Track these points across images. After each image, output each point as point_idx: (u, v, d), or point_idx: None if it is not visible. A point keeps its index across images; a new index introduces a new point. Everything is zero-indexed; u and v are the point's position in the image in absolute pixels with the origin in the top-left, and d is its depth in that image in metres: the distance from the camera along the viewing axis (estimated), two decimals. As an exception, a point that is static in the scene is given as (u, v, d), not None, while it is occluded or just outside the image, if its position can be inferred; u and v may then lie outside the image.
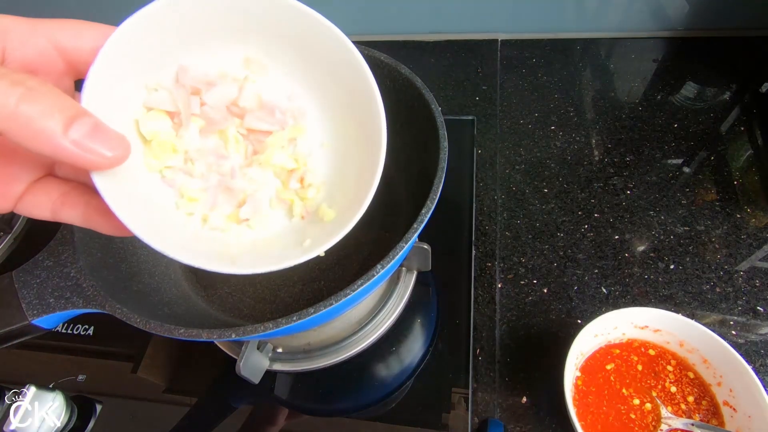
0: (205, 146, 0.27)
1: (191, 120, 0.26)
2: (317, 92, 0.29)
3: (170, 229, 0.25)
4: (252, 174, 0.28)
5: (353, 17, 0.76)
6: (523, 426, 0.42)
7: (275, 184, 0.29)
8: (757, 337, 0.45)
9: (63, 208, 0.23)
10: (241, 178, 0.28)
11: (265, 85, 0.28)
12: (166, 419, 0.44)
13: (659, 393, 0.40)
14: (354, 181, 0.29)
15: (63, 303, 0.33)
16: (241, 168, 0.28)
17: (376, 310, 0.47)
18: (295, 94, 0.29)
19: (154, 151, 0.25)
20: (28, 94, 0.17)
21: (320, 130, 0.30)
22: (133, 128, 0.24)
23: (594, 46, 0.71)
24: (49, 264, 0.35)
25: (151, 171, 0.25)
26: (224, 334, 0.30)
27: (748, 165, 0.56)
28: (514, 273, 0.50)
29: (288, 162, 0.28)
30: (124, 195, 0.22)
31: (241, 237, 0.28)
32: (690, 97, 0.63)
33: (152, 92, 0.25)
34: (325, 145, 0.30)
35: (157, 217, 0.25)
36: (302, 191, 0.29)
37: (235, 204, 0.28)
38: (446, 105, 0.66)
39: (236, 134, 0.27)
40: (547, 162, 0.59)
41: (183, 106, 0.25)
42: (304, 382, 0.45)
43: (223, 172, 0.27)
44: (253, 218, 0.28)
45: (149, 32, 0.22)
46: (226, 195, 0.28)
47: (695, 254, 0.50)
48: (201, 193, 0.27)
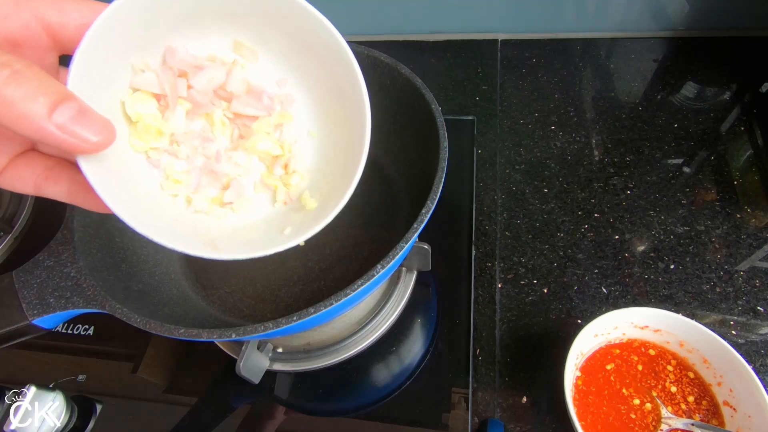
0: (191, 129, 0.27)
1: (178, 103, 0.25)
2: (306, 81, 0.29)
3: (152, 210, 0.25)
4: (237, 158, 0.28)
5: (353, 17, 0.76)
6: (523, 426, 0.42)
7: (260, 170, 0.29)
8: (757, 337, 0.45)
9: (46, 183, 0.23)
10: (226, 161, 0.28)
11: (253, 70, 0.28)
12: (166, 419, 0.44)
13: (659, 393, 0.40)
14: (338, 172, 0.29)
15: (63, 303, 0.33)
16: (227, 152, 0.28)
17: (376, 310, 0.47)
18: (284, 81, 0.29)
19: (139, 132, 0.25)
20: (14, 77, 0.17)
21: (308, 118, 0.30)
22: (119, 109, 0.24)
23: (594, 46, 0.71)
24: (49, 264, 0.35)
25: (137, 152, 0.25)
26: (224, 334, 0.30)
27: (748, 165, 0.56)
28: (514, 273, 0.50)
29: (273, 148, 0.29)
30: (108, 175, 0.22)
31: (222, 220, 0.28)
32: (690, 97, 0.63)
33: (139, 73, 0.24)
34: (312, 134, 0.30)
35: (141, 198, 0.25)
36: (286, 177, 0.29)
37: (219, 187, 0.28)
38: (446, 105, 0.66)
39: (222, 118, 0.27)
40: (547, 162, 0.59)
41: (170, 88, 0.25)
42: (304, 382, 0.45)
43: (208, 155, 0.27)
44: (236, 202, 0.28)
45: (138, 12, 0.22)
46: (210, 178, 0.28)
47: (695, 254, 0.50)
48: (185, 175, 0.27)
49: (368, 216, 0.48)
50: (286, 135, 0.29)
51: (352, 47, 0.27)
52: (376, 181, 0.50)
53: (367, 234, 0.47)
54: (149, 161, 0.26)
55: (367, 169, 0.27)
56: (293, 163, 0.29)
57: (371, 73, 0.47)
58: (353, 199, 0.27)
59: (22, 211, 0.60)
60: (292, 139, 0.29)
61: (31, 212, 0.61)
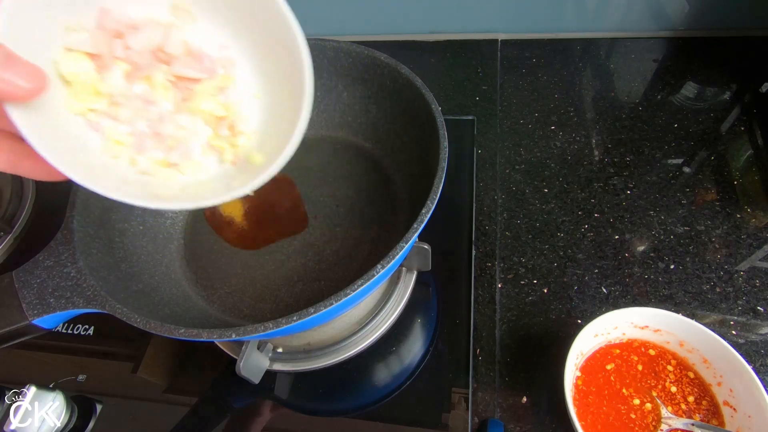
0: (131, 92, 0.26)
1: (115, 63, 0.25)
2: (247, 43, 0.29)
3: (98, 170, 0.25)
4: (181, 121, 0.28)
5: (354, 17, 0.76)
6: (523, 426, 0.42)
7: (206, 133, 0.29)
8: (757, 337, 0.45)
9: None
10: (171, 123, 0.28)
11: (193, 33, 0.28)
12: (166, 419, 0.44)
13: (659, 393, 0.40)
14: (284, 130, 0.29)
15: (63, 303, 0.33)
16: (171, 115, 0.28)
17: (376, 310, 0.47)
18: (225, 44, 0.29)
19: (75, 92, 0.25)
20: None
21: (252, 80, 0.30)
22: (55, 71, 0.24)
23: (594, 46, 0.71)
24: (49, 264, 0.35)
25: (75, 113, 0.25)
26: (224, 334, 0.30)
27: (748, 165, 0.56)
28: (514, 273, 0.50)
29: (217, 109, 0.29)
30: (47, 135, 0.22)
31: (170, 181, 0.28)
32: (690, 97, 0.63)
33: (72, 33, 0.24)
34: (257, 96, 0.30)
35: (83, 158, 0.25)
36: (233, 139, 0.29)
37: (164, 149, 0.28)
38: (446, 105, 0.66)
39: (164, 81, 0.27)
40: (547, 162, 0.59)
41: (105, 48, 0.25)
42: (304, 382, 0.45)
43: (150, 118, 0.27)
44: (182, 163, 0.28)
45: None
46: (154, 140, 0.28)
47: (695, 254, 0.50)
48: (128, 138, 0.27)
49: (368, 216, 0.48)
50: (230, 97, 0.29)
51: (352, 47, 0.27)
52: (376, 181, 0.50)
53: (367, 234, 0.47)
54: (89, 124, 0.26)
55: (367, 169, 0.27)
56: (239, 124, 0.29)
57: (371, 73, 0.47)
58: (353, 199, 0.27)
59: (22, 211, 0.60)
60: (236, 101, 0.30)
61: (31, 212, 0.61)
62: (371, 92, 0.49)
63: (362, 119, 0.52)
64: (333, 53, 0.47)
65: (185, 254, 0.49)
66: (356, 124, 0.52)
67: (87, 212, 0.39)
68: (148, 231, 0.46)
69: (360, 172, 0.51)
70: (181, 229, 0.50)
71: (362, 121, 0.52)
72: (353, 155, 0.52)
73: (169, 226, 0.49)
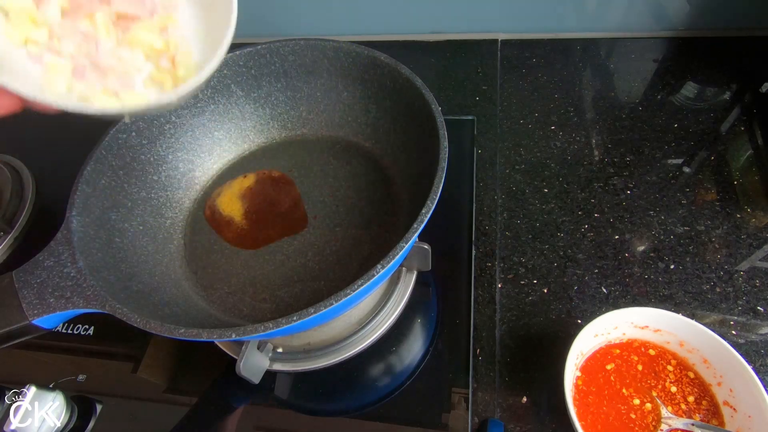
0: (72, 27, 0.27)
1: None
2: None
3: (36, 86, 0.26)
4: (122, 54, 0.29)
5: (354, 17, 0.76)
6: (523, 426, 0.42)
7: (148, 69, 0.30)
8: (757, 337, 0.45)
9: None
10: (112, 57, 0.28)
11: None
12: (166, 419, 0.44)
13: (659, 393, 0.40)
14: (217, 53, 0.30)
15: (63, 303, 0.33)
16: (113, 49, 0.28)
17: (376, 310, 0.47)
18: None
19: (13, 21, 0.25)
20: None
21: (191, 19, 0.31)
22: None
23: (594, 46, 0.71)
24: (49, 264, 0.35)
25: (14, 43, 0.26)
26: (224, 334, 0.30)
27: (748, 165, 0.56)
28: (514, 273, 0.50)
29: (155, 41, 0.29)
30: None
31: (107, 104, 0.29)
32: (690, 97, 0.63)
33: None
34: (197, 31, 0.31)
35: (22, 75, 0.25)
36: (174, 71, 0.30)
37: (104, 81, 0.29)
38: (446, 105, 0.66)
39: (106, 21, 0.28)
40: (547, 162, 0.59)
41: None
42: (304, 382, 0.45)
43: (91, 53, 0.28)
44: (123, 93, 0.29)
45: None
46: (95, 73, 0.28)
47: (695, 254, 0.50)
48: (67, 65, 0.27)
49: (368, 216, 0.48)
50: (172, 36, 0.30)
51: (352, 47, 0.27)
52: (376, 181, 0.50)
53: (367, 234, 0.47)
54: (30, 57, 0.26)
55: (367, 169, 0.27)
56: (180, 57, 0.30)
57: (371, 73, 0.47)
58: (354, 199, 0.27)
59: (22, 211, 0.60)
60: (178, 38, 0.30)
61: (31, 212, 0.61)
62: (371, 92, 0.49)
63: (362, 119, 0.52)
64: (333, 53, 0.47)
65: (185, 254, 0.49)
66: (356, 124, 0.52)
67: (87, 212, 0.39)
68: (148, 231, 0.46)
69: (360, 172, 0.51)
70: (181, 229, 0.50)
71: (362, 121, 0.52)
72: (353, 155, 0.53)
73: (169, 226, 0.49)
